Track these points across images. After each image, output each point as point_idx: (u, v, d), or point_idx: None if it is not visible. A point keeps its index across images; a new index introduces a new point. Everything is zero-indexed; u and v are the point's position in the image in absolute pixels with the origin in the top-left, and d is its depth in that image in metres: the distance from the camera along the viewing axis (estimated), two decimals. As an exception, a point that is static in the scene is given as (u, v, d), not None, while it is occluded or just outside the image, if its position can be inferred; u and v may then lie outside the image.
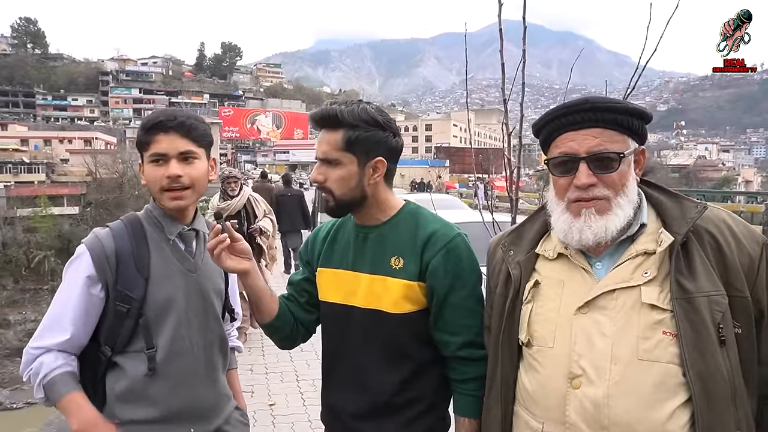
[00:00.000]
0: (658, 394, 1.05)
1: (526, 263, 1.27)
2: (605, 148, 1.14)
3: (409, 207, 1.49)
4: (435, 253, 1.39)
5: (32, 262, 27.20)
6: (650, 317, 1.08)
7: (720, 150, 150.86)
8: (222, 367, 1.61)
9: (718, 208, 1.18)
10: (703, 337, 1.04)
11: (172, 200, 1.46)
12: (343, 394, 1.49)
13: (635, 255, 1.14)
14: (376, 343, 1.43)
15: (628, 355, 1.08)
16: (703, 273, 1.08)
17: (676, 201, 1.18)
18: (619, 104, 1.16)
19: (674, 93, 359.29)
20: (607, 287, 1.13)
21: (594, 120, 1.15)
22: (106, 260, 1.42)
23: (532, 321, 1.22)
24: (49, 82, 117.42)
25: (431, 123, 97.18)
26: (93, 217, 28.53)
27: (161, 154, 1.44)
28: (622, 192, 1.15)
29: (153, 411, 1.43)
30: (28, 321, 21.14)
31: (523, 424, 1.23)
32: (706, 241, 1.11)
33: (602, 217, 1.15)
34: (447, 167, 44.41)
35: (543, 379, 1.18)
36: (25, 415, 12.33)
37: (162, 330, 1.44)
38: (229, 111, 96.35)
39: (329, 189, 1.41)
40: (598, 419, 1.08)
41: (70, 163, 51.58)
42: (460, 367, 1.42)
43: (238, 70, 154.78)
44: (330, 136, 1.39)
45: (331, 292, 1.50)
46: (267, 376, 4.96)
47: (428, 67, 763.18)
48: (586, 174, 1.15)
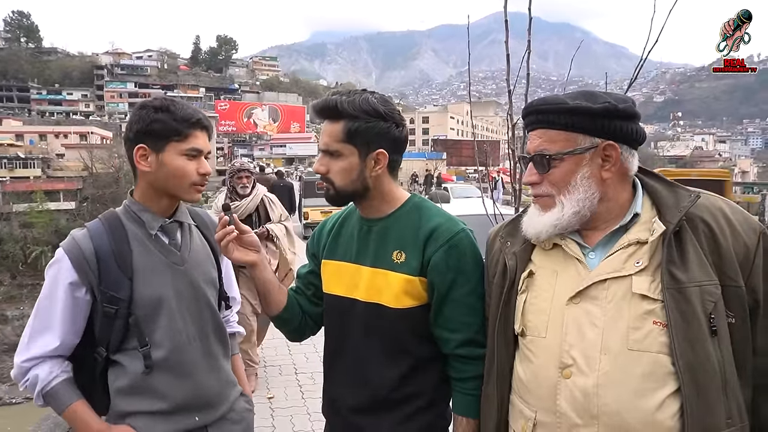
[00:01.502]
0: (648, 384, 1.06)
1: (521, 254, 1.28)
2: (543, 148, 1.18)
3: (414, 200, 1.47)
4: (437, 248, 1.37)
5: (29, 257, 27.19)
6: (641, 307, 1.08)
7: (716, 141, 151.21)
8: (223, 355, 1.60)
9: (715, 196, 1.16)
10: (693, 327, 1.04)
11: (197, 194, 1.50)
12: (344, 387, 1.48)
13: (627, 244, 1.14)
14: (376, 337, 1.42)
15: (618, 345, 1.08)
16: (695, 262, 1.08)
17: (670, 190, 1.18)
18: (557, 105, 1.17)
19: (671, 84, 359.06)
20: (599, 277, 1.14)
21: (537, 122, 1.21)
22: (86, 262, 1.39)
23: (526, 311, 1.23)
24: (44, 77, 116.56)
25: (428, 115, 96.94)
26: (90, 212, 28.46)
27: (199, 149, 1.46)
28: (566, 190, 1.17)
29: (159, 403, 1.43)
30: (26, 316, 21.12)
31: (518, 412, 1.24)
32: (700, 230, 1.11)
33: (544, 213, 1.20)
34: (444, 160, 44.37)
35: (535, 368, 1.19)
36: (25, 409, 12.36)
37: (155, 327, 1.43)
38: (225, 105, 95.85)
39: (331, 180, 1.40)
40: (587, 408, 1.09)
41: (66, 158, 51.41)
42: (459, 366, 1.41)
43: (234, 63, 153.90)
44: (331, 127, 1.38)
45: (334, 285, 1.49)
46: (266, 369, 4.99)
47: (425, 60, 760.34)
48: (528, 173, 1.22)
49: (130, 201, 1.50)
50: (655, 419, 1.05)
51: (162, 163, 1.44)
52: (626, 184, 1.21)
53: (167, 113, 1.43)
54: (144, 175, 1.47)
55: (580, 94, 1.18)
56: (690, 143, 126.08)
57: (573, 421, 1.11)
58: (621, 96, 1.21)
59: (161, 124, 1.42)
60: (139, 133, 1.43)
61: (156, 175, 1.45)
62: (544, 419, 1.16)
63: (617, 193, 1.19)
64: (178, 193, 1.48)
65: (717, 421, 1.03)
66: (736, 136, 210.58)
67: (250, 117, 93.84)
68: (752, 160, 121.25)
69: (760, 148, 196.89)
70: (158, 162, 1.44)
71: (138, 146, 1.43)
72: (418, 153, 52.44)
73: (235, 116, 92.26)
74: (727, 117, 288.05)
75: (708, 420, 1.03)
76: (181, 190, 1.47)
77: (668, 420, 1.05)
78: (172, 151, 1.44)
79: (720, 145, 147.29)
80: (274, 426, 3.94)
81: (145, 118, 1.43)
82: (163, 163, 1.44)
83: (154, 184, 1.47)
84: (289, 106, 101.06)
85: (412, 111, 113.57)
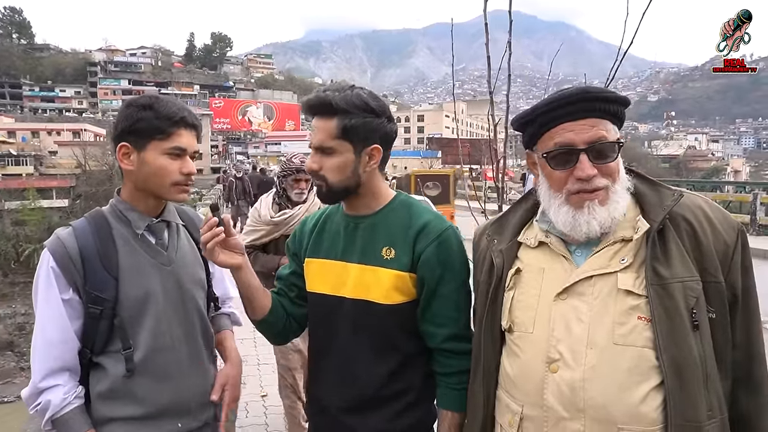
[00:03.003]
0: (633, 378, 1.08)
1: (508, 251, 1.29)
2: (601, 137, 1.14)
3: (400, 197, 1.48)
4: (428, 244, 1.37)
5: (21, 255, 26.98)
6: (626, 303, 1.10)
7: (709, 140, 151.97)
8: (209, 359, 1.57)
9: (695, 195, 1.18)
10: (675, 322, 1.06)
11: (181, 194, 1.46)
12: (332, 387, 1.46)
13: (613, 242, 1.16)
14: (365, 334, 1.41)
15: (603, 339, 1.10)
16: (678, 259, 1.10)
17: (654, 189, 1.19)
18: (611, 94, 1.17)
19: (665, 83, 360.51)
20: (585, 274, 1.15)
21: (590, 110, 1.15)
22: (71, 261, 1.36)
23: (514, 307, 1.24)
24: (36, 73, 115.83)
25: (423, 114, 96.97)
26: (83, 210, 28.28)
27: (182, 148, 1.43)
28: (619, 179, 1.17)
29: (138, 408, 1.40)
30: (18, 314, 21.02)
31: (504, 407, 1.25)
32: (682, 228, 1.13)
33: (604, 207, 1.16)
34: (439, 158, 44.41)
35: (523, 363, 1.20)
36: (15, 408, 12.28)
37: (140, 328, 1.40)
38: (219, 102, 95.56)
39: (323, 177, 1.38)
40: (574, 402, 1.11)
41: (59, 155, 51.09)
42: (445, 360, 1.42)
43: (228, 60, 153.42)
44: (324, 123, 1.36)
45: (319, 283, 1.47)
46: (259, 367, 4.97)
47: (420, 58, 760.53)
48: (588, 165, 1.14)
49: (117, 200, 1.48)
50: (639, 412, 1.07)
51: (143, 161, 1.41)
52: None
53: (151, 111, 1.40)
54: (128, 174, 1.44)
55: (594, 90, 1.19)
56: (683, 143, 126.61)
57: (560, 414, 1.12)
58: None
59: (144, 122, 1.40)
60: (123, 132, 1.41)
61: (138, 174, 1.43)
62: (531, 413, 1.17)
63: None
64: (159, 193, 1.44)
65: (698, 414, 1.05)
66: (728, 136, 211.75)
67: (244, 115, 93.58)
68: (744, 159, 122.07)
69: (752, 147, 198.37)
70: (140, 160, 1.41)
71: (121, 144, 1.41)
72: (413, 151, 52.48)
73: (230, 114, 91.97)
74: (720, 117, 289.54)
75: (690, 412, 1.05)
76: (162, 189, 1.43)
77: (652, 412, 1.07)
78: (155, 150, 1.41)
79: (713, 144, 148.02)
80: (267, 424, 3.94)
81: (130, 116, 1.41)
82: (145, 162, 1.41)
83: (136, 183, 1.44)
84: (283, 104, 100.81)
85: (408, 109, 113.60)
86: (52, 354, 1.36)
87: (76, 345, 1.38)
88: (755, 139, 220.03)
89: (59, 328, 1.36)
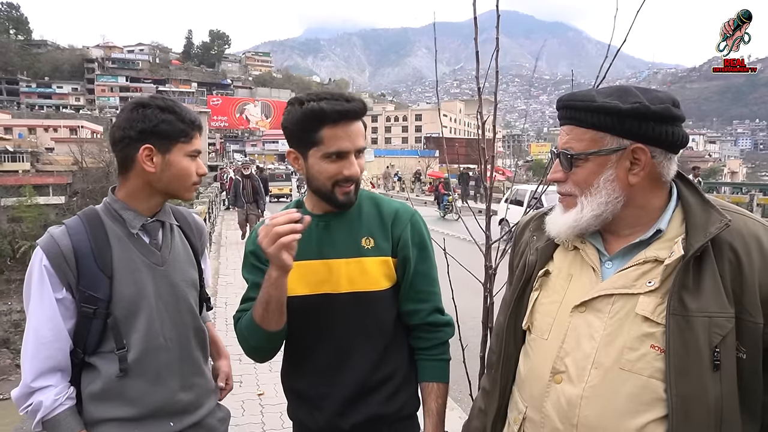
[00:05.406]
0: (631, 405, 1.03)
1: (543, 251, 1.26)
2: (568, 146, 1.13)
3: (364, 192, 1.52)
4: (404, 227, 1.48)
5: (18, 252, 26.92)
6: (641, 329, 1.05)
7: (707, 141, 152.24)
8: (203, 359, 1.57)
9: (756, 221, 1.07)
10: (692, 357, 0.99)
11: (194, 192, 1.53)
12: (325, 383, 1.46)
13: (643, 261, 1.08)
14: (356, 324, 1.43)
15: (610, 362, 1.06)
16: (711, 291, 1.00)
17: (704, 207, 1.08)
18: (585, 102, 1.10)
19: (662, 84, 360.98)
20: (605, 291, 1.10)
21: (566, 117, 1.15)
22: (65, 260, 1.35)
23: (535, 310, 1.23)
24: (33, 69, 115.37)
25: (421, 113, 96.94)
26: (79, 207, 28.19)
27: (199, 151, 1.49)
28: (588, 191, 1.12)
29: (130, 409, 1.39)
30: (14, 311, 20.95)
31: (514, 403, 1.26)
32: (725, 257, 1.02)
33: (566, 213, 1.15)
34: (437, 157, 44.40)
35: (533, 367, 1.20)
36: (5, 406, 12.24)
37: (133, 328, 1.39)
38: (217, 100, 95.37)
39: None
40: (569, 417, 1.09)
41: (56, 152, 50.95)
42: (428, 335, 1.50)
43: (226, 58, 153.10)
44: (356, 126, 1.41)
45: (298, 286, 1.44)
46: (255, 366, 4.96)
47: (418, 57, 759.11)
48: (554, 169, 1.18)
49: (112, 199, 1.46)
50: None
51: (168, 163, 1.42)
52: (659, 190, 1.12)
53: (174, 114, 1.42)
54: (142, 174, 1.42)
55: (614, 91, 1.10)
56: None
57: (555, 425, 1.12)
58: (661, 95, 1.10)
59: (168, 125, 1.41)
60: (144, 133, 1.39)
61: (160, 175, 1.43)
62: (532, 416, 1.18)
63: (647, 199, 1.12)
64: (178, 193, 1.47)
65: None
66: (726, 137, 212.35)
67: (242, 112, 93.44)
68: (741, 160, 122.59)
69: (749, 148, 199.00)
70: (164, 162, 1.42)
71: (144, 146, 1.40)
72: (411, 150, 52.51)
73: (228, 112, 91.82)
74: (717, 118, 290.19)
75: None
76: (182, 190, 1.47)
77: None
78: (179, 153, 1.43)
79: (710, 145, 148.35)
80: (264, 422, 3.94)
81: (151, 117, 1.40)
82: (170, 164, 1.43)
83: (155, 184, 1.44)
84: (281, 102, 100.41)
85: (405, 108, 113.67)
86: (44, 354, 1.34)
87: (69, 345, 1.37)
88: (752, 141, 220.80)
89: (52, 327, 1.34)
